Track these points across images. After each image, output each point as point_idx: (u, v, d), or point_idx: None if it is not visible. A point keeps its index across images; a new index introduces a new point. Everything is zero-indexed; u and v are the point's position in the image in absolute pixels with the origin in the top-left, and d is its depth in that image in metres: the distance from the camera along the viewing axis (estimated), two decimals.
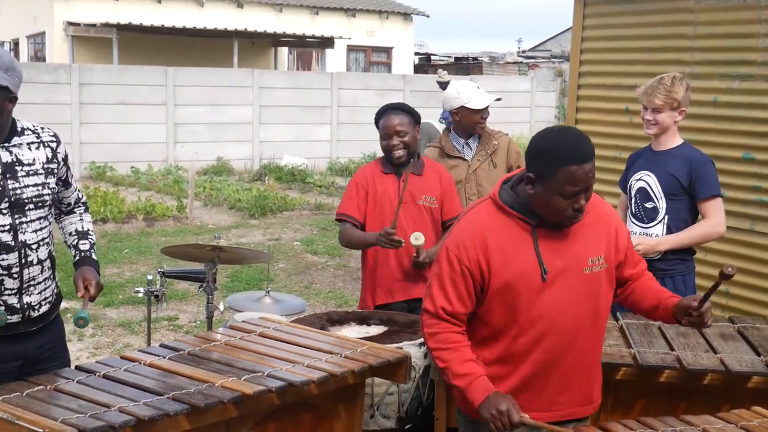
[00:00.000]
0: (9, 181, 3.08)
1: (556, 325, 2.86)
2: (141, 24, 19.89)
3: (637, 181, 4.39)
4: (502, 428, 2.75)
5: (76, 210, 3.48)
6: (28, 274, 3.14)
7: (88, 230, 3.47)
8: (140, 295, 4.83)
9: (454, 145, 5.11)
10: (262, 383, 2.95)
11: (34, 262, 3.15)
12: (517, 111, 21.00)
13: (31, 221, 3.13)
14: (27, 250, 3.12)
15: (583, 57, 7.13)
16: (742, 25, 5.92)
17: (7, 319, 3.08)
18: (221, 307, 4.82)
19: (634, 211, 4.40)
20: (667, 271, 4.25)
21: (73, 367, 3.11)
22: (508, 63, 30.73)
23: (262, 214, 12.84)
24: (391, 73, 24.61)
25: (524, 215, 2.85)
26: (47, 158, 3.19)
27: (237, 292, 6.68)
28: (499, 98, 5.16)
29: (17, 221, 3.09)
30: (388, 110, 4.59)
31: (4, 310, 3.08)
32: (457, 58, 31.64)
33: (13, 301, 3.12)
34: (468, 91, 5.02)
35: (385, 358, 3.35)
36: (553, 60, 29.68)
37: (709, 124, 6.07)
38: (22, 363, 3.17)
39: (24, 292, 3.14)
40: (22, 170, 3.11)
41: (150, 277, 4.85)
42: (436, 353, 2.91)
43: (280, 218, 12.76)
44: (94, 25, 19.67)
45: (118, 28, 19.35)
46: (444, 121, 15.78)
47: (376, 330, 4.05)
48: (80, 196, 3.50)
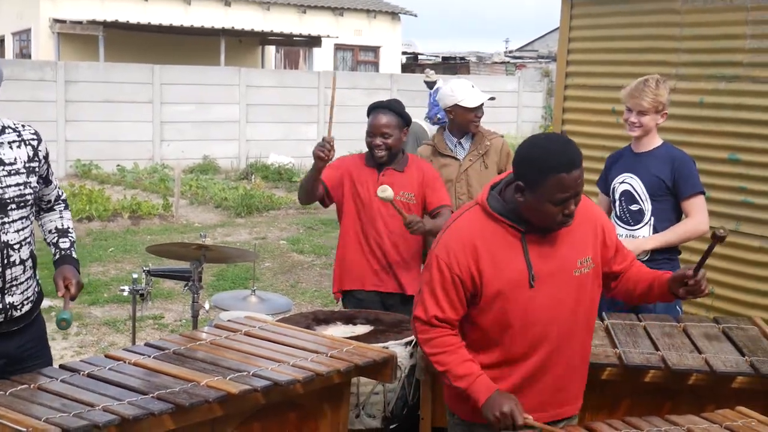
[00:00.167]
0: None
1: (549, 329, 2.86)
2: (127, 22, 19.81)
3: (620, 183, 4.41)
4: (505, 430, 2.75)
5: (56, 207, 3.44)
6: (11, 274, 3.11)
7: (68, 228, 3.43)
8: (125, 294, 4.82)
9: (447, 144, 5.11)
10: (248, 382, 2.94)
11: (17, 262, 3.12)
12: (504, 111, 21.00)
13: (14, 221, 3.09)
14: (9, 250, 3.09)
15: (570, 57, 7.15)
16: (728, 27, 5.95)
17: None
18: (207, 306, 4.81)
19: (618, 214, 4.41)
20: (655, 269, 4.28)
21: (57, 366, 3.09)
22: (495, 63, 30.77)
23: (249, 212, 12.81)
24: (379, 72, 24.57)
25: (513, 222, 2.84)
26: (29, 157, 3.15)
27: (223, 291, 6.66)
28: (493, 98, 5.16)
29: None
30: (379, 108, 4.58)
31: None
32: (444, 58, 31.66)
33: None
34: (462, 90, 5.01)
35: (370, 358, 3.35)
36: (540, 60, 29.73)
37: (696, 125, 6.10)
38: (5, 362, 3.14)
39: (6, 292, 3.11)
40: (3, 170, 3.06)
41: (135, 276, 4.83)
42: (434, 358, 2.89)
43: (266, 217, 12.74)
44: (80, 23, 19.58)
45: (105, 25, 19.27)
46: (429, 120, 15.84)
47: (362, 329, 4.04)
48: (60, 194, 3.46)
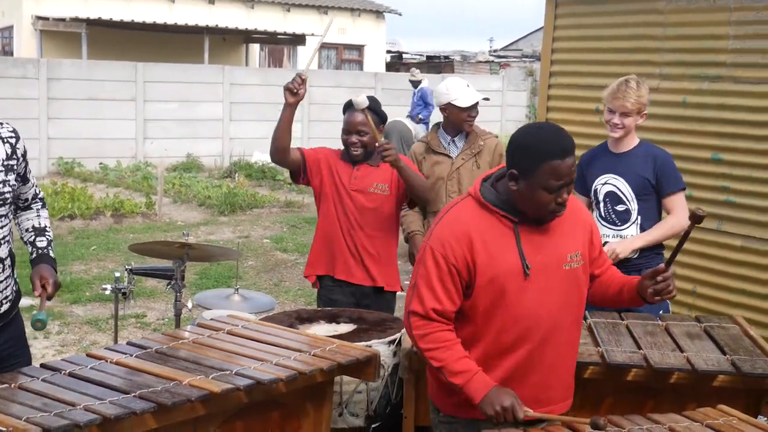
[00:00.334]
0: None
1: (538, 321, 2.87)
2: (111, 19, 19.72)
3: (603, 185, 4.43)
4: (505, 423, 2.76)
5: (33, 206, 3.41)
6: None
7: (46, 227, 3.40)
8: (107, 293, 4.80)
9: (441, 142, 5.10)
10: (230, 381, 2.93)
11: None
12: (488, 110, 21.01)
13: None
14: None
15: (554, 57, 7.16)
16: (711, 27, 5.97)
17: None
18: (189, 305, 4.80)
19: (603, 215, 4.43)
20: (644, 265, 4.33)
21: (37, 365, 3.07)
22: (480, 62, 30.82)
23: (232, 211, 12.77)
24: (363, 70, 24.57)
25: (506, 212, 2.87)
26: (7, 155, 3.12)
27: (206, 290, 6.63)
28: (487, 98, 5.14)
29: None
30: (355, 105, 4.56)
31: None
32: (429, 57, 31.67)
33: None
34: (456, 88, 5.01)
35: (354, 357, 3.35)
36: (524, 59, 29.80)
37: (679, 124, 6.12)
38: None
39: None
40: None
41: (117, 274, 4.81)
42: (430, 353, 2.89)
43: (249, 215, 12.71)
44: (63, 20, 19.47)
45: (88, 22, 19.17)
46: (411, 119, 15.85)
47: (346, 328, 4.04)
48: (37, 192, 3.43)
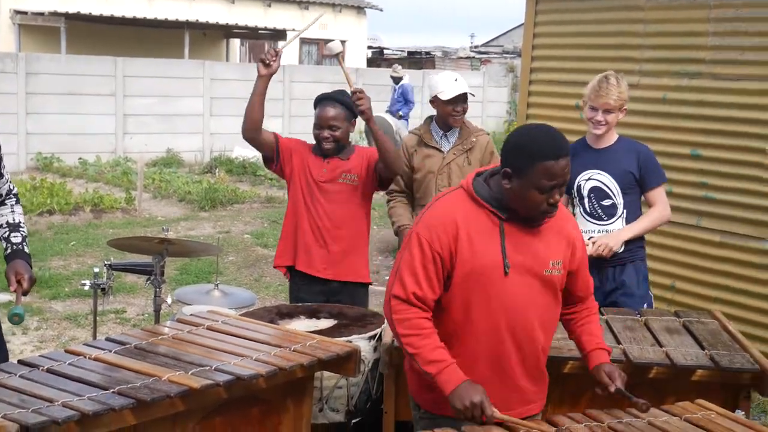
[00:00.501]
0: None
1: (512, 323, 2.88)
2: (90, 13, 19.56)
3: (587, 180, 4.45)
4: (472, 420, 2.75)
5: (7, 201, 3.38)
6: None
7: (20, 222, 3.37)
8: (86, 288, 4.77)
9: (433, 135, 5.10)
10: (210, 377, 2.93)
11: None
12: (469, 106, 21.02)
13: None
14: None
15: (534, 53, 7.19)
16: (691, 24, 6.01)
17: None
18: (169, 301, 4.78)
19: (588, 210, 4.46)
20: (629, 258, 4.42)
21: (15, 361, 3.05)
22: (461, 58, 30.83)
23: (212, 206, 12.72)
24: None
25: (495, 208, 2.88)
26: None
27: (186, 285, 6.61)
28: (473, 94, 5.09)
29: None
30: (326, 100, 4.53)
31: None
32: (410, 53, 31.64)
33: None
34: (442, 82, 4.99)
35: (334, 352, 3.34)
36: (505, 55, 29.82)
37: (658, 121, 6.16)
38: None
39: None
40: None
41: (96, 270, 4.78)
42: (406, 339, 2.88)
43: (230, 211, 12.67)
44: (41, 14, 19.31)
45: (67, 17, 19.02)
46: (392, 114, 15.82)
47: (326, 323, 4.03)
48: (11, 188, 3.40)
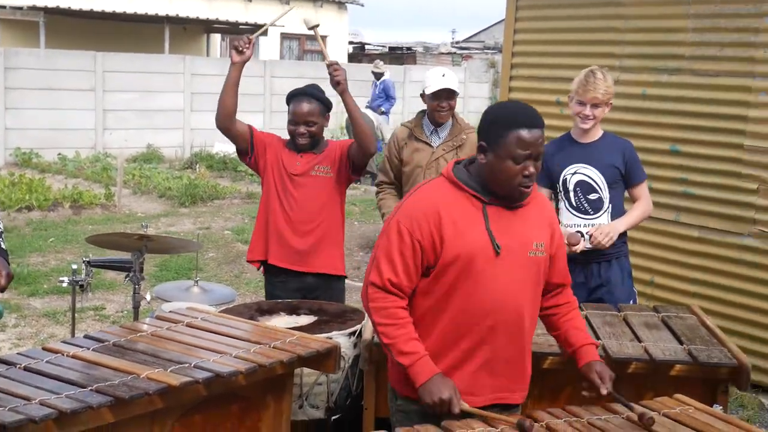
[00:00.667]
0: None
1: (499, 304, 2.87)
2: (69, 8, 19.42)
3: (573, 174, 4.45)
4: (440, 415, 2.75)
5: None
6: None
7: None
8: (65, 285, 4.73)
9: (423, 130, 5.08)
10: (189, 374, 2.91)
11: None
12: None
13: None
14: None
15: (515, 49, 7.20)
16: (671, 20, 6.04)
17: None
18: (148, 297, 4.75)
19: (575, 204, 4.46)
20: (614, 254, 4.43)
21: None
22: (442, 53, 30.88)
23: (193, 202, 12.67)
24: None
25: (477, 192, 2.89)
26: None
27: (165, 282, 6.58)
28: (457, 91, 5.01)
29: None
30: (300, 95, 4.51)
31: None
32: (391, 48, 31.67)
33: None
34: (431, 77, 4.98)
35: (314, 349, 3.34)
36: (486, 51, 29.89)
37: (638, 116, 6.18)
38: None
39: None
40: None
41: (75, 267, 4.75)
42: (382, 328, 2.89)
43: (210, 207, 12.62)
44: (20, 8, 19.15)
45: (46, 11, 18.88)
46: (372, 110, 15.80)
47: (306, 320, 4.03)
48: None
